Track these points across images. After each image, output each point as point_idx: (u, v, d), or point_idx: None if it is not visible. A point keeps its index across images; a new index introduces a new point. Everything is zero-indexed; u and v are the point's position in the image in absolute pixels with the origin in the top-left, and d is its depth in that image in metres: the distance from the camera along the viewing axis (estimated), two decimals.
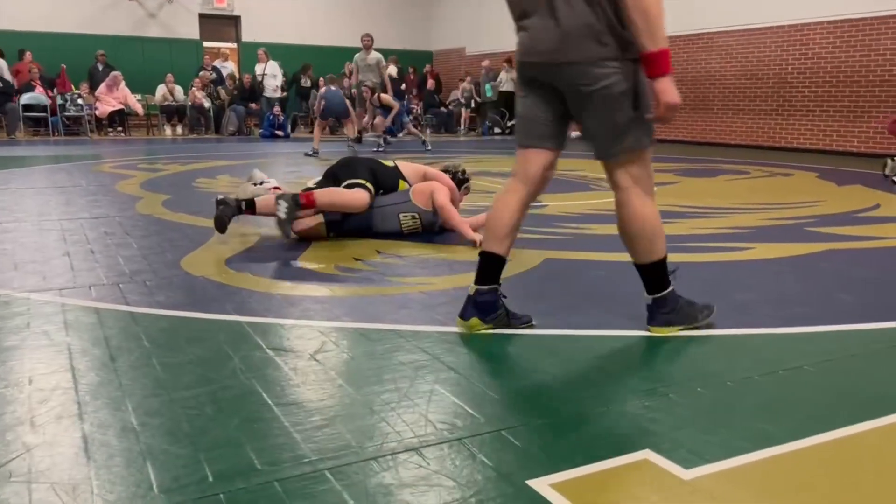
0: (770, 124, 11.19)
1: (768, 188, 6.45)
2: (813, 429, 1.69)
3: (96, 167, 7.56)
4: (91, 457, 1.53)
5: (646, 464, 1.52)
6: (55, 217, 4.45)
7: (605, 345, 2.28)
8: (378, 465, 1.51)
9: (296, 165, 8.14)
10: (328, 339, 2.29)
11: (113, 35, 15.00)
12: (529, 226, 4.33)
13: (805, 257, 3.55)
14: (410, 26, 18.26)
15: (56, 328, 2.37)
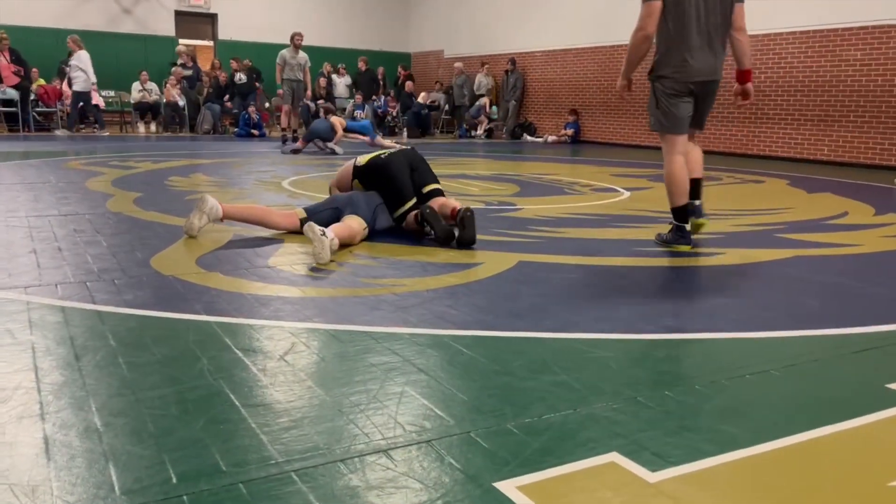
0: (743, 132, 11.34)
1: (739, 195, 6.53)
2: (777, 432, 1.71)
3: (67, 164, 7.44)
4: (52, 458, 1.51)
5: (612, 466, 1.53)
6: (22, 214, 4.37)
7: (574, 347, 2.30)
8: (345, 467, 1.50)
9: (271, 165, 8.09)
10: (298, 340, 2.28)
11: (86, 30, 14.78)
12: (503, 228, 4.35)
13: (774, 263, 3.60)
14: (388, 28, 18.25)
15: (20, 327, 2.33)
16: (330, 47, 16.93)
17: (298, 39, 10.85)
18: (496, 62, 15.79)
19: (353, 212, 3.81)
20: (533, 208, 5.27)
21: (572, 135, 14.09)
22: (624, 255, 3.67)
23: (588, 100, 14.14)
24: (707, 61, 3.73)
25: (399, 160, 4.08)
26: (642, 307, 2.76)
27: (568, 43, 14.29)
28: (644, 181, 7.39)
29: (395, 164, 4.05)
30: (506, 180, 7.14)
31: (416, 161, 4.16)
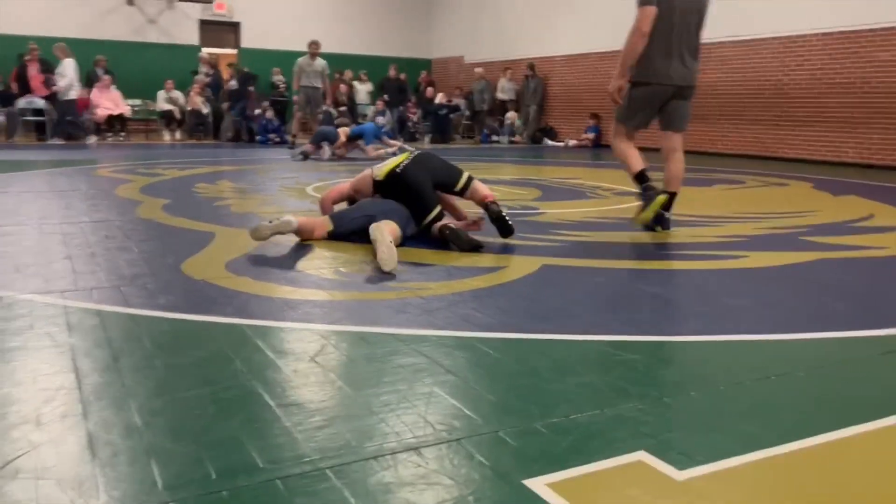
0: (767, 134, 11.27)
1: (763, 198, 6.50)
2: (802, 433, 1.73)
3: (96, 172, 7.59)
4: (96, 454, 1.56)
5: (639, 465, 1.56)
6: (56, 221, 4.48)
7: (600, 350, 2.32)
8: (378, 464, 1.54)
9: (294, 171, 8.18)
10: (328, 342, 2.33)
11: (113, 40, 15.07)
12: (526, 232, 4.38)
13: (798, 266, 3.60)
14: (409, 34, 18.37)
15: (59, 330, 2.40)
16: (351, 54, 17.07)
17: (314, 48, 11.01)
18: (517, 67, 15.82)
19: (388, 218, 3.83)
20: (555, 212, 5.29)
21: (593, 139, 14.08)
22: (648, 259, 3.68)
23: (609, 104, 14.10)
24: (679, 69, 4.26)
25: (417, 170, 4.07)
26: (667, 310, 2.78)
27: (589, 47, 14.28)
28: None
29: (412, 175, 4.05)
30: (528, 185, 7.17)
31: (431, 164, 4.18)
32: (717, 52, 11.84)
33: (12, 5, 14.17)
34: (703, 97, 12.12)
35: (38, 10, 14.38)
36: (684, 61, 4.28)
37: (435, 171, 4.16)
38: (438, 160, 4.26)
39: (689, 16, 4.20)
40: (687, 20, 4.20)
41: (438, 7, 18.56)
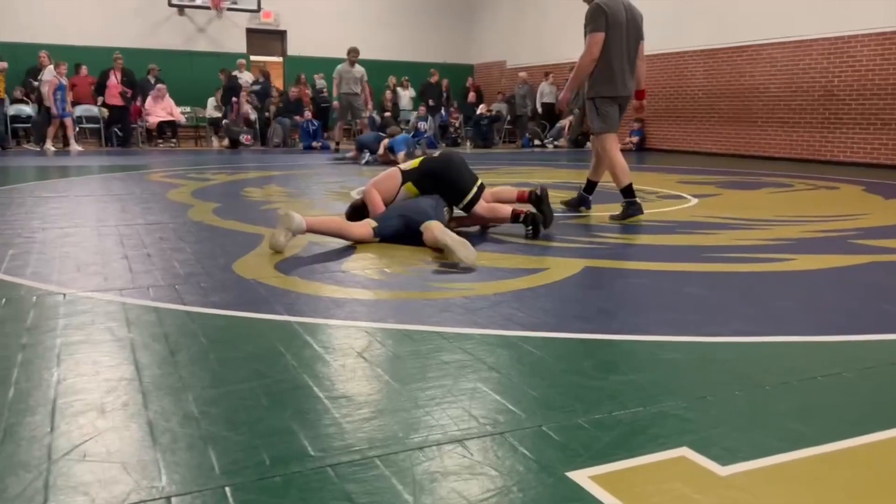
0: (815, 137, 11.04)
1: (812, 201, 6.39)
2: (849, 432, 1.72)
3: (148, 176, 7.83)
4: (157, 441, 1.64)
5: (682, 460, 1.58)
6: (112, 223, 4.65)
7: (643, 349, 2.33)
8: (423, 455, 1.59)
9: (339, 176, 8.31)
10: (374, 339, 2.39)
11: (164, 49, 15.50)
12: (570, 235, 4.39)
13: (847, 269, 3.54)
14: (451, 40, 18.48)
15: (118, 325, 2.51)
16: (394, 60, 17.25)
17: (353, 55, 11.22)
18: (558, 71, 15.78)
19: (427, 219, 3.89)
20: (598, 215, 5.29)
21: (637, 142, 13.97)
22: (692, 261, 3.66)
23: (653, 107, 13.99)
24: (628, 82, 4.97)
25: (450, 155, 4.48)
26: (711, 311, 2.77)
27: None
28: (712, 188, 7.30)
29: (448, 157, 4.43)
30: (570, 188, 7.15)
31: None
32: (764, 54, 11.66)
33: (72, 17, 14.69)
34: (749, 100, 11.96)
35: (93, 22, 14.87)
36: (631, 75, 4.99)
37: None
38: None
39: (632, 36, 4.91)
40: (630, 40, 4.89)
41: (480, 12, 18.63)
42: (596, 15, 4.79)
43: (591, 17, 4.81)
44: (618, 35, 4.80)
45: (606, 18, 4.77)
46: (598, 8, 4.80)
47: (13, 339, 2.34)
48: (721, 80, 12.44)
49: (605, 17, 4.77)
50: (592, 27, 4.79)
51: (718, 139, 12.59)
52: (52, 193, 6.20)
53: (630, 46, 4.90)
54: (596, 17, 4.79)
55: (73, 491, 1.42)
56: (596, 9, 4.81)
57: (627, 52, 4.89)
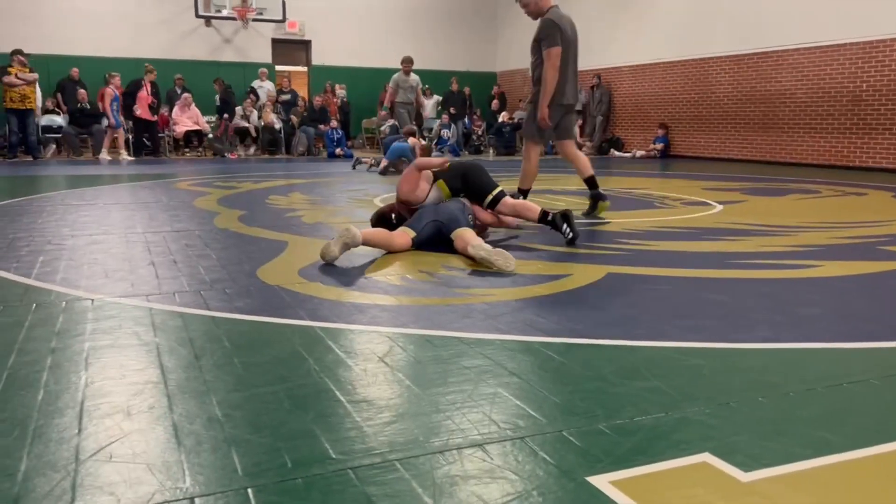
0: (843, 143, 10.89)
1: (840, 207, 6.30)
2: (875, 439, 1.70)
3: (175, 185, 7.94)
4: (181, 442, 1.67)
5: (704, 466, 1.57)
6: (140, 230, 4.73)
7: (666, 355, 2.32)
8: (444, 458, 1.59)
9: (362, 184, 8.36)
10: (395, 344, 2.40)
11: (192, 60, 15.73)
12: (592, 242, 4.38)
13: (875, 275, 3.49)
14: (475, 48, 18.53)
15: (145, 330, 2.55)
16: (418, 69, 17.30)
17: (408, 64, 11.23)
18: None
19: (459, 226, 3.98)
20: (622, 221, 5.26)
21: (662, 149, 13.88)
22: (717, 268, 3.63)
23: (678, 113, 13.91)
24: (576, 92, 5.42)
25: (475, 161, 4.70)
26: (735, 317, 2.75)
27: (656, 57, 14.13)
28: (737, 194, 7.23)
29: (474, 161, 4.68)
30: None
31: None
32: (790, 60, 11.55)
33: (102, 30, 14.97)
34: (776, 106, 11.83)
35: (122, 34, 15.14)
36: (576, 85, 5.42)
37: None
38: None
39: (575, 49, 5.32)
40: (575, 53, 5.31)
41: (503, 20, 18.67)
42: (552, 30, 5.12)
43: (548, 32, 5.14)
44: (568, 48, 5.18)
45: (561, 33, 5.13)
46: (553, 24, 5.13)
47: (43, 344, 2.39)
48: (747, 86, 12.33)
49: (559, 32, 5.12)
50: (549, 42, 5.13)
51: (744, 146, 12.47)
52: (82, 201, 6.31)
53: (576, 59, 5.34)
54: (552, 32, 5.13)
55: (99, 491, 1.45)
56: (551, 24, 5.13)
57: (574, 64, 5.31)
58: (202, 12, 15.42)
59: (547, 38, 5.12)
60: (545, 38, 5.13)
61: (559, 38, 5.11)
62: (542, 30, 5.15)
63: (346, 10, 17.04)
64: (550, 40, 5.11)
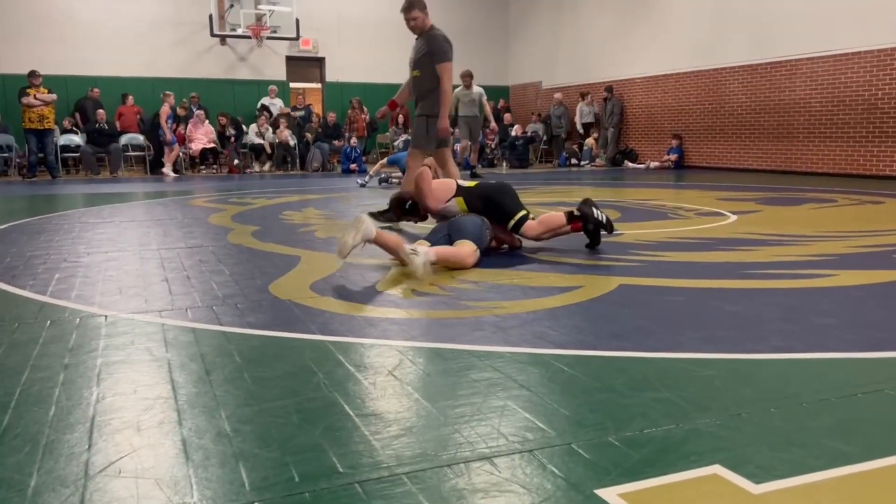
0: (860, 151, 10.80)
1: (856, 216, 6.24)
2: (890, 450, 1.67)
3: (190, 202, 8.01)
4: (189, 457, 1.67)
5: (714, 478, 1.55)
6: (154, 247, 4.77)
7: (678, 366, 2.30)
8: (451, 472, 1.59)
9: (374, 198, 8.40)
10: (405, 358, 2.40)
11: (207, 78, 15.92)
12: (604, 253, 4.36)
13: (891, 284, 3.44)
14: (487, 62, 18.59)
15: (157, 345, 2.57)
16: None
17: (468, 78, 11.25)
18: (595, 90, 15.77)
19: (463, 237, 3.96)
20: (634, 233, 5.24)
21: (676, 160, 13.83)
22: (731, 278, 3.60)
23: (691, 124, 13.87)
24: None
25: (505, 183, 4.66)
26: (749, 328, 2.72)
27: (669, 68, 14.11)
28: (752, 204, 7.18)
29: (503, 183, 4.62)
30: (606, 206, 7.11)
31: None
32: (804, 69, 11.49)
33: (119, 50, 15.20)
34: (791, 115, 11.77)
35: (139, 54, 15.37)
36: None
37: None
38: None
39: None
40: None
41: (515, 34, 18.75)
42: (445, 46, 5.58)
43: (441, 47, 5.56)
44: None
45: (451, 49, 5.62)
46: (445, 39, 5.58)
47: (56, 360, 2.41)
48: (761, 95, 12.28)
49: (450, 48, 5.60)
50: (441, 57, 5.55)
51: (759, 155, 12.40)
52: (99, 219, 6.38)
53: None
54: (445, 48, 5.58)
55: None
56: (444, 40, 5.57)
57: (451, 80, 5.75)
58: (217, 31, 15.62)
59: (441, 53, 5.53)
60: (439, 53, 5.52)
61: (451, 54, 5.58)
62: (436, 45, 5.52)
63: (359, 28, 17.18)
64: (444, 56, 5.55)
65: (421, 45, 5.66)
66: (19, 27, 14.48)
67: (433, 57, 5.56)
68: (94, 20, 15.02)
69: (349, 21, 17.08)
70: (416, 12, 5.59)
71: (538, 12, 17.74)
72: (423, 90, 5.71)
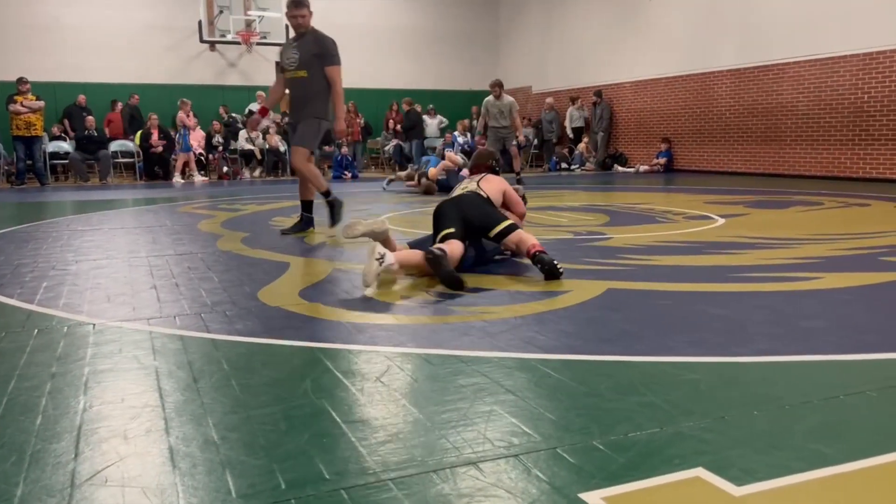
0: (846, 154, 10.88)
1: (842, 219, 6.29)
2: (870, 451, 1.69)
3: (180, 208, 8.00)
4: (176, 465, 1.68)
5: (697, 481, 1.56)
6: (143, 254, 4.76)
7: (664, 370, 2.32)
8: (437, 477, 1.60)
9: (367, 203, 8.41)
10: (393, 364, 2.41)
11: (197, 85, 15.89)
12: (592, 257, 4.38)
13: (875, 287, 3.48)
14: (478, 67, 18.64)
15: (145, 353, 2.57)
16: (422, 89, 17.46)
17: (498, 88, 10.70)
18: (585, 95, 15.83)
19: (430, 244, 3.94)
20: (623, 237, 5.27)
21: (665, 164, 13.90)
22: (718, 281, 3.63)
23: (680, 128, 13.94)
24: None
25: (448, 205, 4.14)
26: (736, 331, 2.74)
27: (657, 72, 14.19)
28: (740, 208, 7.23)
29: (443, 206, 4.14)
30: (596, 211, 7.15)
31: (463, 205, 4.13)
32: (791, 72, 11.58)
33: (108, 57, 15.16)
34: (778, 118, 11.85)
35: (129, 61, 15.33)
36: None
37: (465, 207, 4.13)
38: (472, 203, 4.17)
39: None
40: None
41: (505, 39, 18.81)
42: (335, 48, 5.56)
43: (332, 49, 5.54)
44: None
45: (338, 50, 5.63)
46: (334, 43, 5.58)
47: (44, 369, 2.41)
48: (749, 99, 12.36)
49: (338, 50, 5.61)
50: (333, 60, 5.54)
51: (747, 159, 12.47)
52: (87, 226, 6.37)
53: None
54: (335, 50, 5.56)
55: None
56: (333, 44, 5.57)
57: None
58: (207, 37, 15.60)
59: (334, 55, 5.52)
60: (330, 55, 5.50)
61: (339, 56, 5.60)
62: (327, 47, 5.49)
63: (349, 32, 17.15)
64: (336, 58, 5.54)
65: (308, 45, 5.48)
66: (8, 34, 14.42)
67: (323, 59, 5.47)
68: (83, 27, 14.98)
69: (339, 26, 17.05)
70: (307, 10, 5.48)
71: (528, 17, 17.81)
72: (310, 91, 5.53)
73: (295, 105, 5.71)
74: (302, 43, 5.52)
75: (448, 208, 4.09)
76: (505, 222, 4.02)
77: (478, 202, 4.13)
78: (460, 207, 4.07)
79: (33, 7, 14.65)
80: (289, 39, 5.79)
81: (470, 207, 4.07)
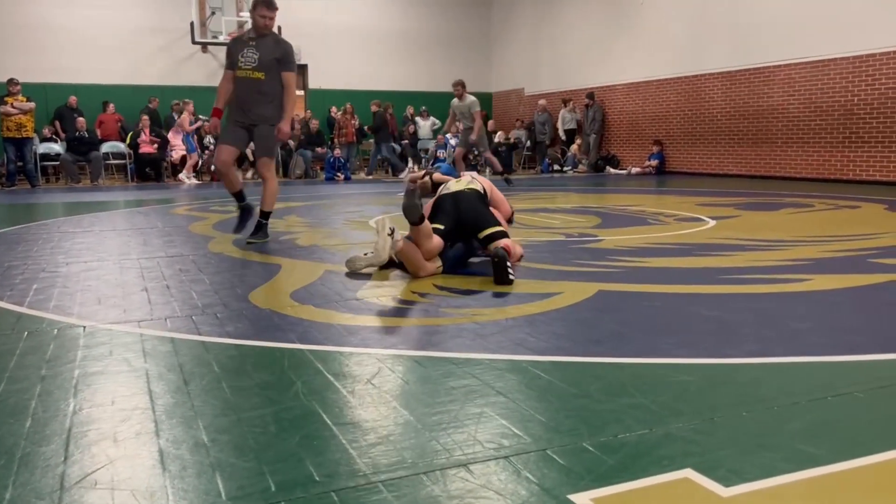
0: (836, 156, 10.95)
1: (832, 221, 6.33)
2: (858, 451, 1.70)
3: (172, 210, 7.97)
4: (166, 468, 1.67)
5: (685, 482, 1.57)
6: (134, 256, 4.75)
7: (654, 372, 2.33)
8: (428, 479, 1.60)
9: (359, 205, 8.41)
10: (384, 366, 2.41)
11: (188, 86, 15.85)
12: (583, 259, 4.39)
13: (865, 288, 3.50)
14: (471, 69, 18.64)
15: (135, 356, 2.56)
16: (415, 91, 17.47)
17: (459, 89, 10.73)
18: (577, 97, 15.88)
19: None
20: (614, 239, 5.29)
21: (657, 166, 13.95)
22: (708, 283, 3.65)
23: (672, 130, 13.99)
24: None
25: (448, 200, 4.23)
26: (725, 333, 2.76)
27: (649, 75, 14.24)
28: (731, 210, 7.26)
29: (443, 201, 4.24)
30: (587, 213, 7.17)
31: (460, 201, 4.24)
32: (782, 75, 11.64)
33: (99, 58, 15.11)
34: (769, 121, 11.91)
35: (121, 61, 15.29)
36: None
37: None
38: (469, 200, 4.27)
39: None
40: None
41: (498, 41, 18.84)
42: (293, 56, 5.53)
43: (292, 56, 5.49)
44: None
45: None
46: (293, 49, 5.53)
47: (33, 371, 2.40)
48: (739, 101, 12.42)
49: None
50: (293, 66, 5.50)
51: (738, 161, 12.53)
52: (78, 228, 6.34)
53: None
54: (294, 58, 5.54)
55: None
56: (292, 50, 5.53)
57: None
58: (199, 39, 15.57)
59: (292, 62, 5.47)
60: (290, 61, 5.44)
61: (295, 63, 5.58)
62: (288, 53, 5.43)
63: (341, 34, 17.19)
64: (294, 65, 5.52)
65: (269, 47, 5.32)
66: None
67: (283, 64, 5.37)
68: (75, 28, 14.93)
69: (331, 28, 17.08)
70: (275, 13, 5.37)
71: (520, 19, 17.85)
72: (266, 95, 5.36)
73: (244, 105, 5.44)
74: (262, 44, 5.34)
75: (447, 203, 4.19)
76: (496, 227, 4.09)
77: (475, 202, 4.24)
78: (458, 205, 4.17)
79: (24, 7, 14.59)
80: (242, 37, 5.55)
81: (467, 207, 4.17)
